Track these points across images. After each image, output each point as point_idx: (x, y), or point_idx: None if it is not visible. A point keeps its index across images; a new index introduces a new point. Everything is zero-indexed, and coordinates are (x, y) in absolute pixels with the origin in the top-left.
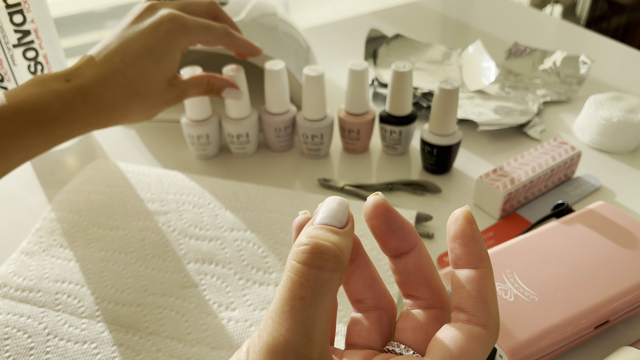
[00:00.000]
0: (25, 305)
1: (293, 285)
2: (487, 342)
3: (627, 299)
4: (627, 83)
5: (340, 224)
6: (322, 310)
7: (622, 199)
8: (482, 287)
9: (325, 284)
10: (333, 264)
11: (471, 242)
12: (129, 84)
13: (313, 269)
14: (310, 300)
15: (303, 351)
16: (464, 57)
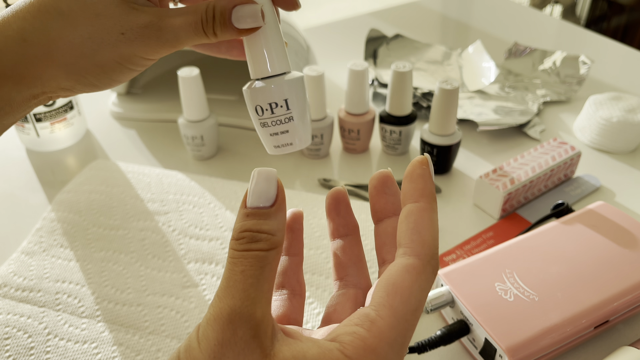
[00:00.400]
0: (25, 305)
1: (234, 265)
2: (423, 272)
3: (627, 299)
4: (627, 83)
5: (269, 202)
6: (262, 279)
7: (622, 199)
8: (419, 219)
9: (262, 260)
10: (267, 244)
11: (418, 179)
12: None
13: (250, 251)
14: (250, 272)
15: (247, 312)
16: (464, 57)
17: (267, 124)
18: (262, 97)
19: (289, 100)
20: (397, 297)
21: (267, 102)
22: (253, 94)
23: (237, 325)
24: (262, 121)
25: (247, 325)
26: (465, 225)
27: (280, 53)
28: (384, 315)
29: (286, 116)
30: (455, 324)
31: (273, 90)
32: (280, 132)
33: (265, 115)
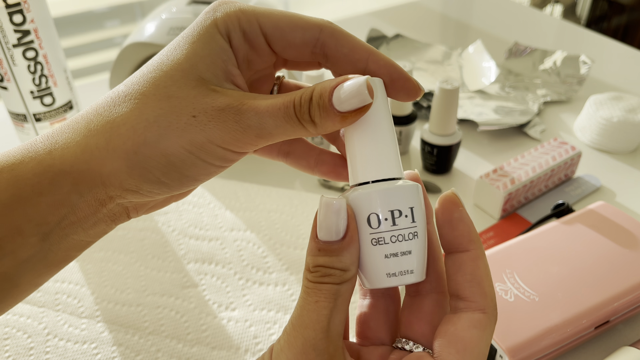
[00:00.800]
0: (24, 305)
1: (308, 295)
2: (489, 326)
3: (628, 299)
4: (628, 83)
5: (339, 236)
6: (336, 312)
7: (623, 199)
8: (475, 269)
9: (335, 292)
10: (339, 279)
11: (459, 224)
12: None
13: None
14: (324, 303)
15: (321, 346)
16: (464, 57)
17: (382, 241)
18: (381, 202)
19: (414, 209)
20: (467, 354)
21: (388, 208)
22: (367, 199)
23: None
24: (377, 236)
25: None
26: None
27: (396, 154)
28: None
29: (410, 230)
30: None
31: (397, 194)
32: (401, 252)
33: (383, 227)
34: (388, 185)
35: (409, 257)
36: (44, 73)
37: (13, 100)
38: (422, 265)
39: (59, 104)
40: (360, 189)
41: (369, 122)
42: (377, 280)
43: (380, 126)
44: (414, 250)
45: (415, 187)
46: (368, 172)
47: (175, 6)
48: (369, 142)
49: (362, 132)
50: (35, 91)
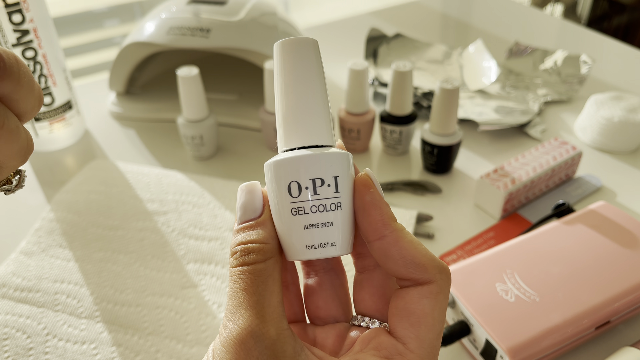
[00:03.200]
0: (24, 305)
1: (235, 284)
2: (440, 292)
3: (628, 300)
4: (628, 83)
5: (256, 213)
6: (268, 294)
7: (623, 199)
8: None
9: (261, 273)
10: (261, 255)
11: (371, 209)
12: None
13: (245, 266)
14: (252, 288)
15: (259, 331)
16: (464, 57)
17: (302, 211)
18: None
19: (339, 178)
20: (421, 327)
21: (309, 177)
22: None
23: (251, 345)
24: (296, 206)
25: (262, 344)
26: (466, 225)
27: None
28: (413, 348)
29: (333, 201)
30: (456, 324)
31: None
32: (322, 223)
33: (303, 196)
34: (312, 152)
35: (331, 229)
36: (43, 72)
37: None
38: (347, 239)
39: (58, 104)
40: (284, 154)
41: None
42: (297, 252)
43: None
44: (336, 222)
45: (341, 155)
46: (294, 138)
47: (174, 5)
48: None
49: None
50: None
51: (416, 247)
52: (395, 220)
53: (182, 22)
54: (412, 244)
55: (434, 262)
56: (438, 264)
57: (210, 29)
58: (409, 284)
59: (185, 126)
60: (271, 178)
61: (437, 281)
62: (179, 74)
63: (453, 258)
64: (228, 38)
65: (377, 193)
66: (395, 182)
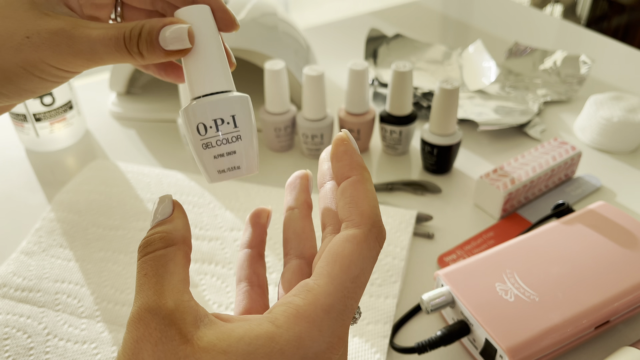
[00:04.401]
0: (25, 305)
1: (138, 273)
2: (365, 240)
3: (628, 299)
4: (628, 83)
5: (166, 216)
6: (168, 275)
7: (623, 199)
8: (354, 192)
9: (160, 259)
10: (161, 243)
11: (343, 156)
12: None
13: (148, 254)
14: (152, 272)
15: (155, 304)
16: (464, 57)
17: (210, 145)
18: (206, 113)
19: (236, 116)
20: (336, 265)
21: (211, 117)
22: (194, 111)
23: (149, 319)
24: (205, 141)
25: (159, 316)
26: (465, 225)
27: (225, 71)
28: (321, 283)
29: (233, 134)
30: (455, 324)
31: (218, 105)
32: (227, 152)
33: (209, 133)
34: (212, 98)
35: (235, 156)
36: None
37: None
38: (250, 162)
39: (58, 104)
40: (193, 102)
41: (198, 46)
42: (213, 176)
43: (208, 48)
44: (238, 150)
45: (235, 98)
46: (199, 88)
47: None
48: (198, 62)
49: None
50: None
51: (367, 195)
52: (366, 168)
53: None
54: (365, 192)
55: (373, 216)
56: (375, 219)
57: None
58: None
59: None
60: (185, 122)
61: (364, 230)
62: None
63: (453, 258)
64: (229, 38)
65: (351, 145)
66: (395, 182)
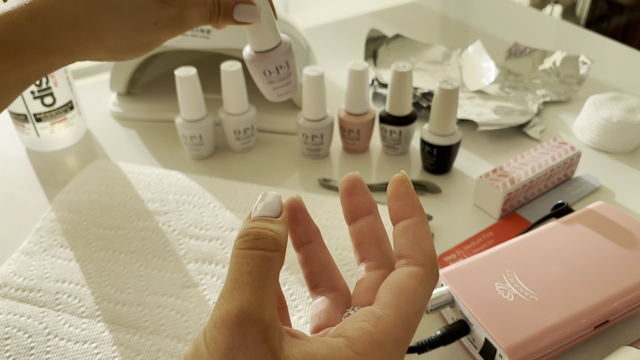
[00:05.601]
0: (25, 305)
1: (240, 266)
2: (427, 279)
3: (627, 299)
4: (627, 83)
5: (276, 214)
6: (269, 283)
7: (622, 198)
8: (417, 232)
9: (268, 261)
10: (272, 244)
11: (405, 196)
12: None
13: (256, 250)
14: (257, 273)
15: (256, 314)
16: (463, 57)
17: (273, 82)
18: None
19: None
20: (402, 298)
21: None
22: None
23: (247, 328)
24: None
25: (257, 328)
26: (465, 225)
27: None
28: (389, 314)
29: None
30: (455, 324)
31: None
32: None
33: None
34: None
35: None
36: None
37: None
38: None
39: (59, 104)
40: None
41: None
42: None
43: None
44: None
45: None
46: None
47: None
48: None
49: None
50: (35, 91)
51: (428, 237)
52: (423, 210)
53: None
54: (428, 235)
55: (432, 256)
56: (435, 261)
57: (211, 29)
58: (403, 264)
59: (184, 126)
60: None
61: (427, 269)
62: (177, 74)
63: (452, 258)
64: (229, 39)
65: (412, 187)
66: None
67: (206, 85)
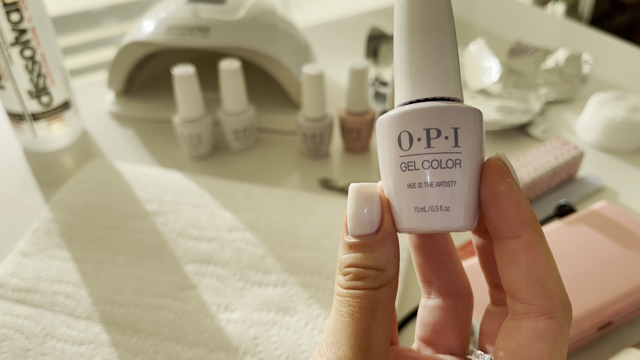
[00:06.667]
0: (22, 306)
1: (340, 306)
2: (560, 334)
3: (630, 300)
4: (630, 82)
5: (373, 228)
6: (375, 325)
7: (625, 199)
8: (532, 261)
9: (372, 300)
10: (376, 283)
11: (507, 201)
12: None
13: (358, 290)
14: (359, 316)
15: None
16: (465, 56)
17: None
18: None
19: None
20: None
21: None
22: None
23: None
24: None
25: None
26: None
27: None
28: None
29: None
30: None
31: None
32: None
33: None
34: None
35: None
36: (42, 72)
37: (10, 100)
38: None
39: (56, 103)
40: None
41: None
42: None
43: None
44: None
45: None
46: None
47: (173, 4)
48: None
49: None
50: (32, 90)
51: (550, 264)
52: (537, 221)
53: (181, 21)
54: (547, 260)
55: (562, 293)
56: (565, 298)
57: (210, 28)
58: (521, 312)
59: (182, 125)
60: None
61: (558, 319)
62: (175, 72)
63: None
64: (227, 37)
65: (515, 183)
66: None
67: (205, 84)
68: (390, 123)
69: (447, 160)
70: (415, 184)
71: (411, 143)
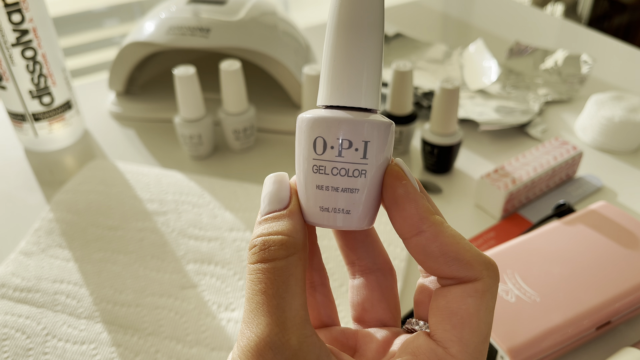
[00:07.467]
0: (23, 305)
1: (252, 285)
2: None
3: (629, 300)
4: (629, 82)
5: (282, 204)
6: (289, 297)
7: (624, 199)
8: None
9: (282, 272)
10: (283, 251)
11: (405, 203)
12: None
13: (265, 263)
14: (272, 291)
15: (279, 341)
16: (465, 57)
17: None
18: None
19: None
20: (465, 329)
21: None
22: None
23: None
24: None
25: (282, 356)
26: (466, 225)
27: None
28: (454, 353)
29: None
30: None
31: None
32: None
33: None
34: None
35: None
36: (43, 72)
37: (12, 100)
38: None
39: (57, 104)
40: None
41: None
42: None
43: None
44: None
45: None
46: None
47: (174, 5)
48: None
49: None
50: (33, 91)
51: (458, 241)
52: (433, 213)
53: (181, 21)
54: (454, 239)
55: (479, 258)
56: (484, 259)
57: (210, 28)
58: (451, 283)
59: (183, 125)
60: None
61: (483, 278)
62: (176, 73)
63: None
64: (228, 38)
65: (411, 185)
66: None
67: (205, 84)
68: (308, 126)
69: (354, 170)
70: (324, 186)
71: (324, 149)
